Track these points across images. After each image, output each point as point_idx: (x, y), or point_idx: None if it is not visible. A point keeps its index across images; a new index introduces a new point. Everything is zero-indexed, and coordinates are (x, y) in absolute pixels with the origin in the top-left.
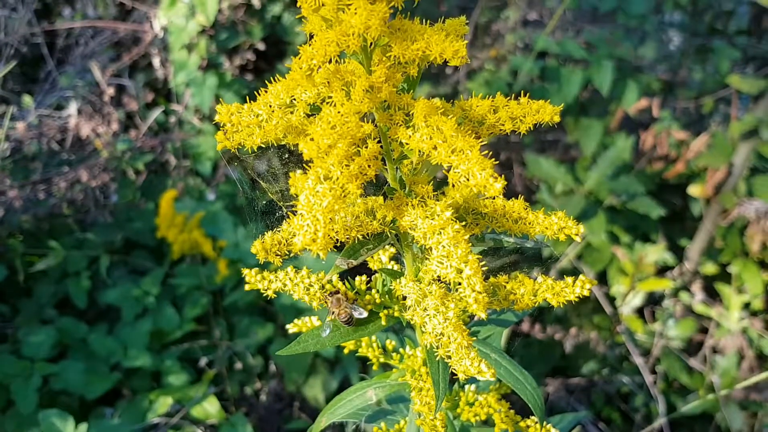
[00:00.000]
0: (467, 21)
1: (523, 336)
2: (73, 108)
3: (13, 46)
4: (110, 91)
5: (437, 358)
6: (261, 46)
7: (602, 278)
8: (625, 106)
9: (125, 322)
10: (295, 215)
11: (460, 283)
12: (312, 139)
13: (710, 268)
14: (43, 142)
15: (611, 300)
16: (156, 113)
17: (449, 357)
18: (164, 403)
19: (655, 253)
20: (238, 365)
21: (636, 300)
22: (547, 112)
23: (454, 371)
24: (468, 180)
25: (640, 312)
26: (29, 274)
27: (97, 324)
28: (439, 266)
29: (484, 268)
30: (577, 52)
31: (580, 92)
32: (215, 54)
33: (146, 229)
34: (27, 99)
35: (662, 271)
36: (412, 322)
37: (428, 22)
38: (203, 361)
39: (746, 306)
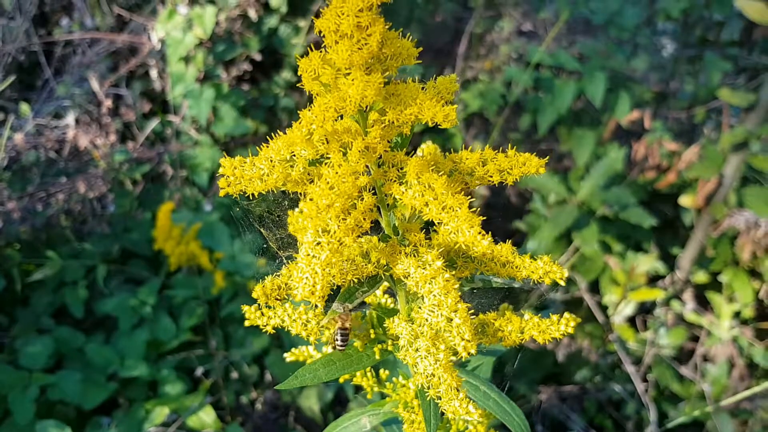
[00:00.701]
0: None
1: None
2: (70, 118)
3: (11, 54)
4: (108, 102)
5: (428, 398)
6: (258, 57)
7: (594, 287)
8: (618, 116)
9: (122, 331)
10: (292, 263)
11: (449, 332)
12: (311, 200)
13: (701, 277)
14: (41, 152)
15: (603, 309)
16: (153, 124)
17: (439, 398)
18: (161, 412)
19: (647, 262)
20: (234, 375)
21: (628, 309)
22: (533, 164)
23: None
24: (457, 236)
25: (631, 321)
26: (26, 283)
27: (94, 334)
28: (431, 315)
29: (472, 314)
30: (570, 64)
31: (573, 103)
32: (212, 66)
33: (143, 239)
34: (24, 107)
35: (654, 280)
36: (404, 362)
37: (421, 78)
38: (199, 371)
39: (737, 315)
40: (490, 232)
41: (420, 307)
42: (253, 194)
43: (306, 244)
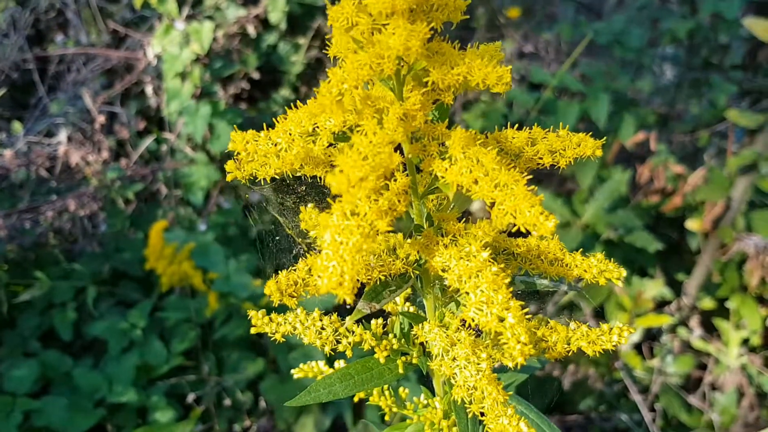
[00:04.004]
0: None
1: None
2: (63, 135)
3: (4, 72)
4: (101, 118)
5: (470, 415)
6: (256, 75)
7: (600, 313)
8: (622, 139)
9: (111, 355)
10: (313, 253)
11: (501, 333)
12: (341, 171)
13: (708, 303)
14: (32, 169)
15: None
16: (148, 142)
17: (483, 414)
18: None
19: (654, 288)
20: (227, 401)
21: (634, 336)
22: (589, 145)
23: (488, 431)
24: (515, 218)
25: (638, 348)
26: (13, 304)
27: (82, 357)
28: (478, 313)
29: (527, 316)
30: (573, 85)
31: (576, 125)
32: (209, 82)
33: (135, 260)
34: (17, 125)
35: (660, 305)
36: (438, 373)
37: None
38: (191, 397)
39: (745, 342)
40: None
41: (464, 305)
42: (264, 180)
43: (332, 227)
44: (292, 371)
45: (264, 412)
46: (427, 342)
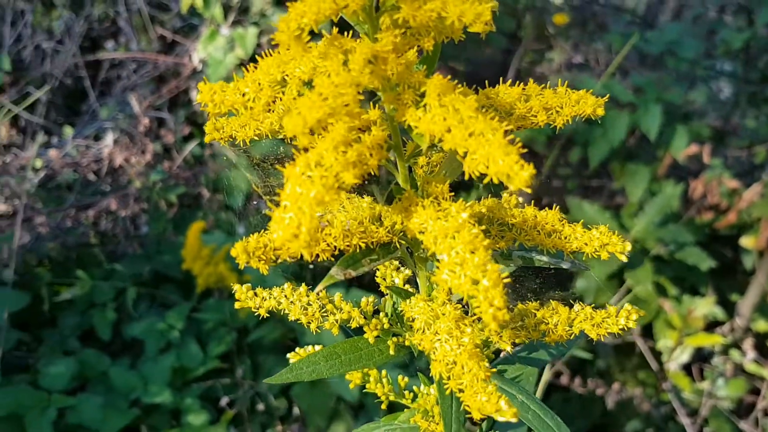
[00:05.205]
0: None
1: (562, 389)
2: (109, 139)
3: (58, 78)
4: (145, 121)
5: (448, 392)
6: None
7: (648, 331)
8: (674, 152)
9: (148, 356)
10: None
11: (474, 297)
12: (299, 113)
13: (763, 325)
14: (79, 171)
15: (657, 355)
16: (192, 146)
17: (461, 390)
18: None
19: (705, 306)
20: (261, 406)
21: (683, 356)
22: (589, 103)
23: (464, 408)
24: (487, 168)
25: (687, 369)
26: (55, 303)
27: (120, 357)
28: (451, 275)
29: (507, 281)
30: (624, 96)
31: (626, 137)
32: None
33: (175, 263)
34: (68, 130)
35: (711, 326)
36: (419, 348)
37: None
38: (224, 401)
39: None
40: None
41: (437, 268)
42: (244, 141)
43: (294, 176)
44: (288, 355)
45: (297, 418)
46: (413, 318)
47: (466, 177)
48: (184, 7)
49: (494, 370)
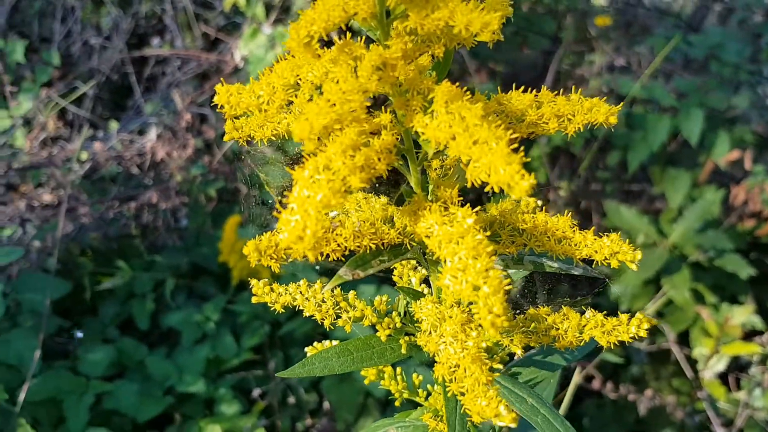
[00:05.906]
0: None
1: (596, 395)
2: (153, 134)
3: (104, 73)
4: (188, 117)
5: (450, 394)
6: None
7: (684, 339)
8: (715, 157)
9: (184, 346)
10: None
11: (474, 303)
12: (306, 119)
13: None
14: (123, 164)
15: (692, 363)
16: (231, 142)
17: (463, 394)
18: (213, 431)
19: (742, 314)
20: (291, 399)
21: (720, 365)
22: (602, 111)
23: (465, 411)
24: (489, 176)
25: (723, 378)
26: (96, 292)
27: (157, 347)
28: (452, 281)
29: (508, 287)
30: (665, 99)
31: (667, 141)
32: None
33: (212, 255)
34: (113, 124)
35: (750, 335)
36: (425, 349)
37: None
38: (256, 392)
39: None
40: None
41: (440, 272)
42: (261, 141)
43: (302, 180)
44: (306, 349)
45: (326, 412)
46: (422, 319)
47: (468, 185)
48: (228, 5)
49: (497, 375)
